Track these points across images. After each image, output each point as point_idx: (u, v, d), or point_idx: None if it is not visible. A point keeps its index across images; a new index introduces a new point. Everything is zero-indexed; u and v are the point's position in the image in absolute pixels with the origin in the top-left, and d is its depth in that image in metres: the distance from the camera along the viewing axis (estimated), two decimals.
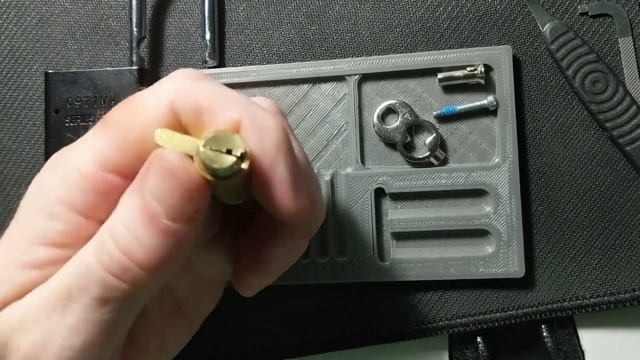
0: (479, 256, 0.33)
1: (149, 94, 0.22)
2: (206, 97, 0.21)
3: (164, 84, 0.22)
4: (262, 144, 0.20)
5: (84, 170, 0.22)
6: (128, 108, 0.22)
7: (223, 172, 0.20)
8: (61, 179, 0.22)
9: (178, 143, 0.20)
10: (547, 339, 0.33)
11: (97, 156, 0.22)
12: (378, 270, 0.33)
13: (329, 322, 0.34)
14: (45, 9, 0.38)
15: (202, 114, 0.21)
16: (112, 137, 0.22)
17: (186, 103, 0.21)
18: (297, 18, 0.36)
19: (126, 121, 0.22)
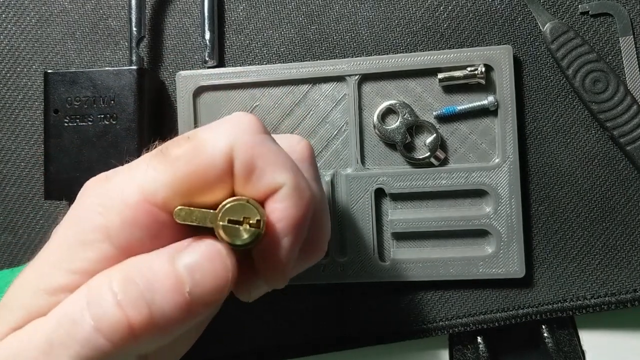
0: (479, 256, 0.33)
1: (211, 135, 0.21)
2: (263, 155, 0.21)
3: (227, 128, 0.22)
4: (284, 214, 0.21)
5: (130, 198, 0.21)
6: (189, 147, 0.21)
7: (242, 245, 0.21)
8: (101, 205, 0.21)
9: (197, 219, 0.21)
10: (547, 339, 0.33)
11: (147, 187, 0.21)
12: (378, 270, 0.33)
13: (329, 322, 0.34)
14: (45, 8, 0.38)
15: (253, 171, 0.21)
16: (167, 172, 0.21)
17: (243, 155, 0.21)
18: (297, 18, 0.36)
19: (186, 160, 0.21)
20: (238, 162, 0.21)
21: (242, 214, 0.21)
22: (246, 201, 0.21)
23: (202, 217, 0.21)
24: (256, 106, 0.35)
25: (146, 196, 0.21)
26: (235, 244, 0.21)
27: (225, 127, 0.22)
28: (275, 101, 0.35)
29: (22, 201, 0.37)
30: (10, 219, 0.37)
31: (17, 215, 0.37)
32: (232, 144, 0.21)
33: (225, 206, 0.21)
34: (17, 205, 0.37)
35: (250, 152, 0.21)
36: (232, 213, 0.21)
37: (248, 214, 0.21)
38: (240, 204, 0.21)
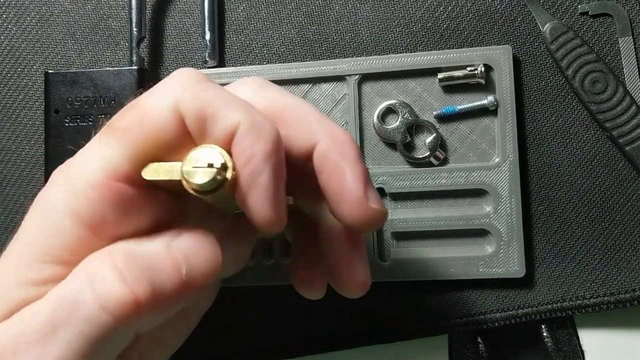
0: (479, 256, 0.33)
1: (153, 99, 0.22)
2: (209, 102, 0.21)
3: (167, 87, 0.22)
4: (250, 152, 0.20)
5: (92, 179, 0.21)
6: (134, 115, 0.21)
7: (206, 186, 0.20)
8: (67, 191, 0.21)
9: (164, 172, 0.21)
10: (547, 339, 0.33)
11: (106, 164, 0.21)
12: (378, 270, 0.33)
13: (329, 322, 0.34)
14: (45, 9, 0.38)
15: (205, 120, 0.21)
16: (120, 145, 0.21)
17: (190, 109, 0.21)
18: (297, 18, 0.36)
19: (134, 129, 0.21)
20: (188, 118, 0.21)
21: (207, 161, 0.20)
22: (208, 147, 0.20)
23: (170, 170, 0.21)
24: None
25: (107, 173, 0.21)
26: (198, 185, 0.20)
27: (166, 86, 0.22)
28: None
29: (22, 201, 0.37)
30: (11, 219, 0.37)
31: (18, 216, 0.37)
32: (175, 101, 0.21)
33: (188, 155, 0.20)
34: (18, 206, 0.37)
35: (196, 103, 0.21)
36: (197, 161, 0.20)
37: (212, 159, 0.20)
38: (203, 149, 0.20)
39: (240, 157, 0.20)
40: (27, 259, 0.21)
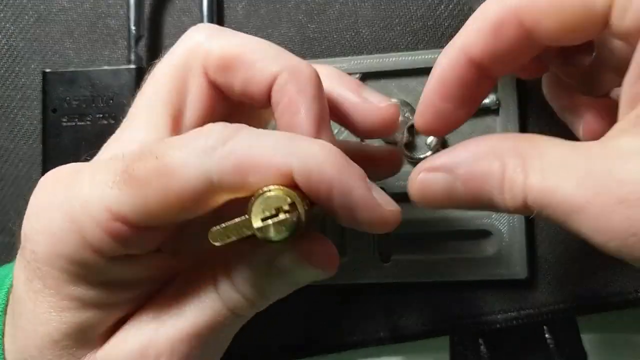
0: (480, 257, 0.33)
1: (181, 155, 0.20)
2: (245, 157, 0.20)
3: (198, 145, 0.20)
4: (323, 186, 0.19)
5: (97, 217, 0.20)
6: (157, 169, 0.20)
7: (284, 237, 0.19)
8: (72, 222, 0.20)
9: (235, 233, 0.20)
10: (549, 341, 0.33)
11: (114, 208, 0.20)
12: (379, 271, 0.33)
13: (329, 323, 0.34)
14: (43, 7, 0.37)
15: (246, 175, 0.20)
16: (136, 197, 0.20)
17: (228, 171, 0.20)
18: (297, 16, 0.36)
19: (155, 184, 0.20)
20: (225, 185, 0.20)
21: (274, 205, 0.19)
22: (269, 191, 0.19)
23: (237, 229, 0.20)
24: None
25: (114, 216, 0.20)
26: (276, 243, 0.19)
27: (197, 143, 0.20)
28: None
29: (20, 201, 0.37)
30: (8, 219, 0.37)
31: (16, 216, 0.37)
32: (206, 175, 0.19)
33: (251, 207, 0.19)
34: (15, 206, 0.37)
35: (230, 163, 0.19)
36: (264, 209, 0.19)
37: (278, 203, 0.19)
38: (263, 197, 0.19)
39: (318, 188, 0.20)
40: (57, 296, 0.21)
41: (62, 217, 0.21)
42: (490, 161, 0.20)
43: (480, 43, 0.21)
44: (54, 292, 0.21)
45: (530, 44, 0.21)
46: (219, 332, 0.23)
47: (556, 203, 0.19)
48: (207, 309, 0.22)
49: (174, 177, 0.19)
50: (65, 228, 0.20)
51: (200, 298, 0.22)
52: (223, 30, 0.24)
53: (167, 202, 0.20)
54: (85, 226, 0.20)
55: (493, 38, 0.21)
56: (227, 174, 0.19)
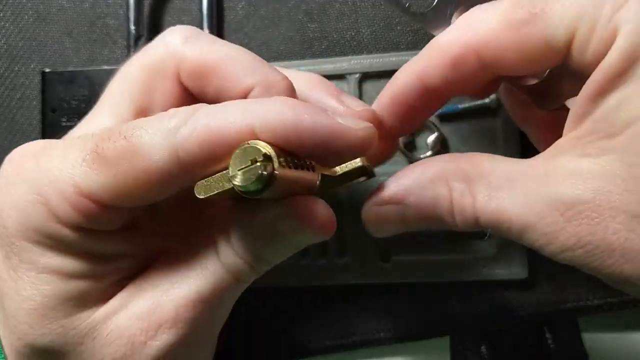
0: (481, 257, 0.33)
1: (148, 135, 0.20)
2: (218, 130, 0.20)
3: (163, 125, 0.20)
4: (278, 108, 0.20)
5: (66, 192, 0.20)
6: (126, 149, 0.20)
7: (256, 190, 0.19)
8: (40, 194, 0.21)
9: (216, 187, 0.20)
10: (549, 341, 0.33)
11: (83, 186, 0.20)
12: (379, 271, 0.33)
13: (329, 323, 0.34)
14: (42, 7, 0.37)
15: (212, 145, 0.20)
16: (106, 175, 0.20)
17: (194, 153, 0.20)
18: (297, 16, 0.36)
19: (124, 164, 0.20)
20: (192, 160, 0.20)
21: (249, 157, 0.19)
22: (246, 144, 0.19)
23: (220, 182, 0.20)
24: None
25: (83, 192, 0.20)
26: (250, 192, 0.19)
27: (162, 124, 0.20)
28: None
29: None
30: None
31: None
32: (174, 144, 0.20)
33: (230, 160, 0.19)
34: None
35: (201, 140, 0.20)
36: (240, 162, 0.19)
37: (253, 154, 0.19)
38: (240, 151, 0.19)
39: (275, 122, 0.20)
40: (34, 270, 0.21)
41: (30, 191, 0.21)
42: (437, 187, 0.22)
43: (438, 74, 0.22)
44: (31, 267, 0.21)
45: (487, 74, 0.22)
46: (222, 297, 0.23)
47: (508, 223, 0.20)
48: (210, 275, 0.22)
49: (142, 156, 0.20)
50: (32, 200, 0.21)
51: (202, 264, 0.22)
52: (200, 35, 0.24)
53: (135, 182, 0.20)
54: (52, 199, 0.21)
55: (452, 70, 0.22)
56: (193, 150, 0.20)
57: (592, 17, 0.19)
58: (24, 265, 0.21)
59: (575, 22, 0.19)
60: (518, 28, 0.20)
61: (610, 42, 0.19)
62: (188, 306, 0.22)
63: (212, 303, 0.22)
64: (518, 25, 0.20)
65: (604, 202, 0.18)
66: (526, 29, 0.20)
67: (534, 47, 0.20)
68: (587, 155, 0.19)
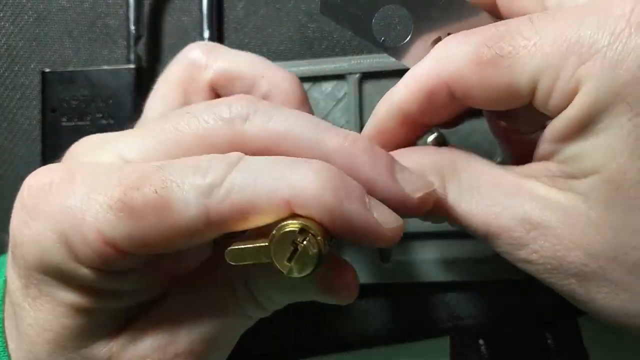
0: (481, 257, 0.32)
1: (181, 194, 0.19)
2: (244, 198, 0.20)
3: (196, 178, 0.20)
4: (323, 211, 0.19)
5: (89, 237, 0.20)
6: (155, 204, 0.19)
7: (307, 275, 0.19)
8: (61, 235, 0.20)
9: (251, 258, 0.20)
10: (550, 341, 0.33)
11: (106, 233, 0.19)
12: (379, 271, 0.33)
13: (329, 323, 0.34)
14: (42, 7, 0.37)
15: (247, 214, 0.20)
16: (131, 227, 0.19)
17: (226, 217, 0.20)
18: (297, 16, 0.36)
19: (153, 220, 0.19)
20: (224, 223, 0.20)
21: (291, 239, 0.19)
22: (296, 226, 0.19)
23: (256, 254, 0.19)
24: None
25: (106, 240, 0.20)
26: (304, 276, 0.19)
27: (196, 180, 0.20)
28: None
29: None
30: (8, 219, 0.36)
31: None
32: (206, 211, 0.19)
33: (274, 238, 0.19)
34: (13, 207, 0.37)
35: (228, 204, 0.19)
36: (283, 246, 0.19)
37: (295, 236, 0.19)
38: (284, 233, 0.19)
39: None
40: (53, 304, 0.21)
41: (51, 229, 0.20)
42: None
43: (415, 104, 0.23)
44: (50, 299, 0.21)
45: (459, 106, 0.23)
46: (234, 333, 0.24)
47: (473, 227, 0.22)
48: (225, 315, 0.22)
49: (171, 214, 0.19)
50: (54, 240, 0.20)
51: (217, 302, 0.22)
52: (217, 47, 0.28)
53: (161, 237, 0.20)
54: (74, 242, 0.20)
55: (427, 102, 0.22)
56: (225, 214, 0.19)
57: (556, 69, 0.19)
58: (44, 297, 0.21)
59: (539, 72, 0.20)
60: (484, 68, 0.21)
61: (572, 96, 0.19)
62: (202, 342, 0.22)
63: (225, 339, 0.23)
64: (484, 65, 0.21)
65: (566, 233, 0.20)
66: (492, 70, 0.20)
67: (498, 88, 0.21)
68: (556, 187, 0.20)
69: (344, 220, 0.19)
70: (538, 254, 0.20)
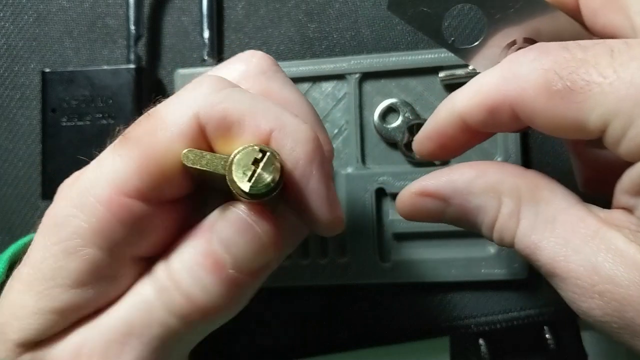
0: (481, 257, 0.32)
1: (171, 106, 0.21)
2: (234, 108, 0.20)
3: (187, 94, 0.21)
4: (293, 157, 0.20)
5: (101, 195, 0.20)
6: (149, 124, 0.20)
7: (261, 195, 0.19)
8: (75, 207, 0.20)
9: (207, 163, 0.20)
10: (550, 341, 0.33)
11: (115, 178, 0.20)
12: (379, 271, 0.33)
13: (329, 323, 0.34)
14: (42, 7, 0.37)
15: (230, 127, 0.20)
16: (132, 157, 0.20)
17: (213, 116, 0.20)
18: (297, 16, 0.36)
19: (148, 139, 0.20)
20: (210, 124, 0.20)
21: (249, 160, 0.19)
22: (258, 147, 0.19)
23: (213, 162, 0.20)
24: None
25: (118, 188, 0.20)
26: (253, 195, 0.19)
27: (185, 92, 0.21)
28: None
29: (19, 201, 0.36)
30: (8, 219, 0.37)
31: (15, 216, 0.36)
32: (195, 110, 0.20)
33: (236, 152, 0.19)
34: (15, 205, 0.37)
35: (219, 108, 0.20)
36: (245, 159, 0.19)
37: (253, 156, 0.19)
38: (254, 149, 0.19)
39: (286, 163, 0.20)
40: (41, 284, 0.20)
41: (68, 204, 0.20)
42: (488, 198, 0.21)
43: (477, 117, 0.22)
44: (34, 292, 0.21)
45: (521, 125, 0.22)
46: (164, 339, 0.20)
47: (541, 261, 0.20)
48: (140, 305, 0.20)
49: (164, 125, 0.20)
50: (68, 214, 0.20)
51: (133, 294, 0.21)
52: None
53: (164, 155, 0.20)
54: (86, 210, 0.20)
55: (490, 118, 0.21)
56: (213, 120, 0.20)
57: (630, 117, 0.18)
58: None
59: (611, 116, 0.18)
60: (552, 98, 0.19)
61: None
62: (118, 340, 0.20)
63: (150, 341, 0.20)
64: (553, 95, 0.19)
65: (635, 295, 0.18)
66: (560, 102, 0.19)
67: (564, 121, 0.19)
68: (637, 243, 0.19)
69: (309, 173, 0.20)
70: (602, 311, 0.19)
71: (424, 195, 0.23)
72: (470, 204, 0.22)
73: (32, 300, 0.20)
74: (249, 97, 0.20)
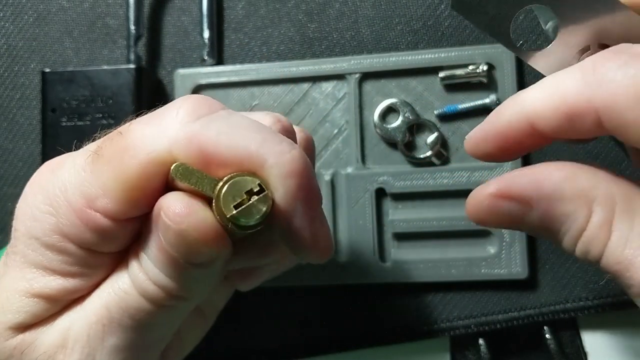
0: (481, 257, 0.32)
1: (146, 130, 0.20)
2: (209, 142, 0.19)
3: (162, 122, 0.20)
4: (278, 195, 0.19)
5: (74, 203, 0.21)
6: (119, 146, 0.20)
7: (248, 228, 0.19)
8: (51, 206, 0.21)
9: (196, 183, 0.19)
10: (549, 341, 0.33)
11: (85, 192, 0.20)
12: (379, 271, 0.33)
13: (329, 323, 0.34)
14: (42, 7, 0.37)
15: (209, 161, 0.19)
16: (100, 178, 0.20)
17: (189, 151, 0.19)
18: (297, 16, 0.36)
19: (116, 163, 0.20)
20: (187, 157, 0.20)
21: (243, 189, 0.19)
22: (250, 176, 0.19)
23: (202, 182, 0.19)
24: (255, 105, 0.35)
25: (86, 202, 0.20)
26: (241, 227, 0.19)
27: (162, 118, 0.20)
28: (274, 100, 0.34)
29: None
30: (8, 219, 0.36)
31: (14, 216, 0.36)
32: (165, 146, 0.20)
33: (226, 180, 0.19)
34: (14, 206, 0.36)
35: (196, 142, 0.19)
36: (235, 189, 0.19)
37: (247, 186, 0.19)
38: (244, 179, 0.19)
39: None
40: (29, 269, 0.22)
41: (43, 201, 0.21)
42: (578, 206, 0.19)
43: (551, 121, 0.20)
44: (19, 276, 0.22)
45: (602, 132, 0.19)
46: (140, 321, 0.22)
47: (635, 279, 0.18)
48: (118, 291, 0.22)
49: (134, 152, 0.20)
50: (44, 211, 0.21)
51: (112, 280, 0.22)
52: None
53: (133, 179, 0.20)
54: (61, 212, 0.21)
55: (567, 123, 0.19)
56: (189, 156, 0.20)
57: None
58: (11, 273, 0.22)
59: None
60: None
61: None
62: (98, 326, 0.21)
63: (128, 325, 0.22)
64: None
65: None
66: None
67: None
68: None
69: (292, 210, 0.19)
70: None
71: (505, 197, 0.20)
72: (557, 210, 0.19)
73: (22, 287, 0.22)
74: (226, 125, 0.20)
